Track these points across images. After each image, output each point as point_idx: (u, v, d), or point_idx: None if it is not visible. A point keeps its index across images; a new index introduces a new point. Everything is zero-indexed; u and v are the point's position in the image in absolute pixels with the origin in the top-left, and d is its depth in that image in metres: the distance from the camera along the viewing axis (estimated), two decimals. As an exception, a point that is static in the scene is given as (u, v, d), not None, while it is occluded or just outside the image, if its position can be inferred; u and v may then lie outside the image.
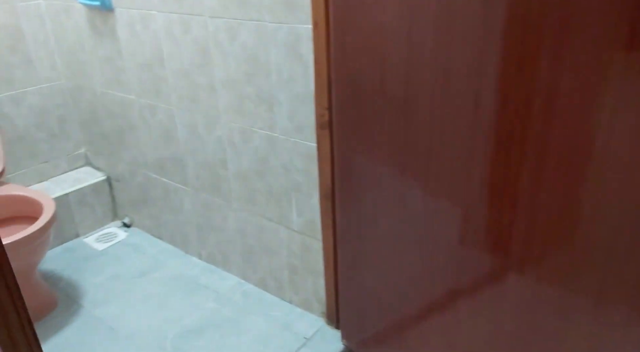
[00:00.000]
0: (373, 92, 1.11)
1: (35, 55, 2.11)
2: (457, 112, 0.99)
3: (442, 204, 1.10)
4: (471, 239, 1.08)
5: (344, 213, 1.37)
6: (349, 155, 1.27)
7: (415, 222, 1.17)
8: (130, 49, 1.81)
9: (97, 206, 2.33)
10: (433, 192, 1.10)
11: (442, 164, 1.05)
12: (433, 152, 1.06)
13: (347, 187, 1.32)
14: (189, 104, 1.72)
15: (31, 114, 2.16)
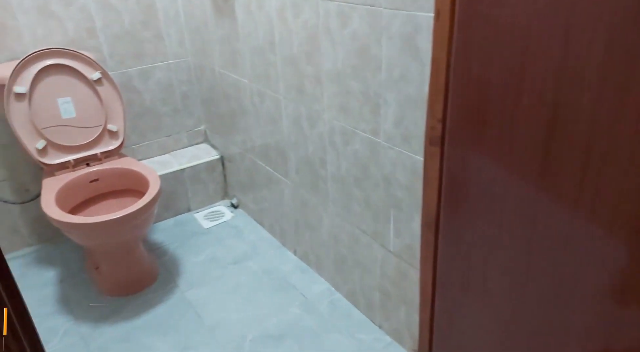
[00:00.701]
0: (504, 103, 0.82)
1: (165, 32, 2.16)
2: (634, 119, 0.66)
3: (597, 244, 0.78)
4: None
5: (448, 250, 1.11)
6: (461, 182, 1.00)
7: (548, 268, 0.87)
8: (245, 30, 1.71)
9: (209, 184, 2.37)
10: (585, 227, 0.79)
11: (605, 186, 0.73)
12: (591, 170, 0.75)
13: (455, 219, 1.06)
14: (294, 94, 1.58)
15: (158, 88, 2.23)
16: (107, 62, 2.05)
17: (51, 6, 1.86)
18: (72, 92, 1.81)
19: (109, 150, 1.90)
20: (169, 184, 2.24)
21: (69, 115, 1.82)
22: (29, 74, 1.71)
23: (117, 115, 1.90)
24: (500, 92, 0.83)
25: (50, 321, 1.70)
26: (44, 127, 1.77)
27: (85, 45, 1.98)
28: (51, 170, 1.81)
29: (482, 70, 0.83)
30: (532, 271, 0.91)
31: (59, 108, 1.79)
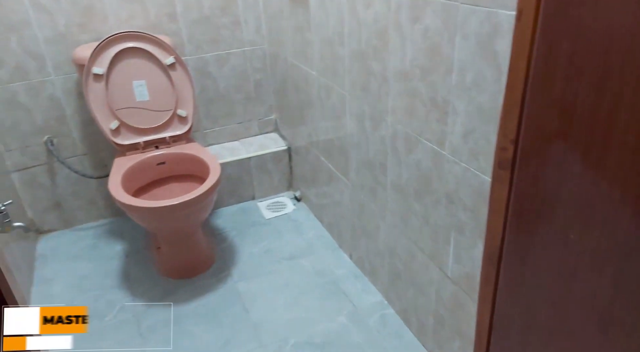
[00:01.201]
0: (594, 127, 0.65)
1: (243, 18, 2.13)
2: None
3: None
4: None
5: (511, 288, 0.94)
6: (532, 213, 0.83)
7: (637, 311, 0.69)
8: (317, 20, 1.62)
9: (275, 174, 2.34)
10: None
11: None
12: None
13: (521, 255, 0.89)
14: (359, 92, 1.46)
15: (232, 75, 2.23)
16: (184, 47, 2.07)
17: (136, -10, 1.91)
18: (147, 76, 1.84)
19: (177, 135, 1.93)
20: (235, 171, 2.25)
21: (143, 98, 1.86)
22: (107, 56, 1.76)
23: (187, 100, 1.91)
24: (590, 114, 0.65)
25: (110, 295, 1.78)
26: (118, 108, 1.83)
27: (165, 29, 2.01)
28: (123, 150, 1.88)
29: (568, 86, 0.66)
30: (617, 313, 0.72)
31: (133, 90, 1.84)
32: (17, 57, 1.83)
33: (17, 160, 1.98)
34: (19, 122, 1.93)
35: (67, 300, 1.76)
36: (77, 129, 2.03)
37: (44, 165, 2.04)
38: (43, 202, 2.10)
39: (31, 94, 1.90)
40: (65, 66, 1.91)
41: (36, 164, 2.02)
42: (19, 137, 1.95)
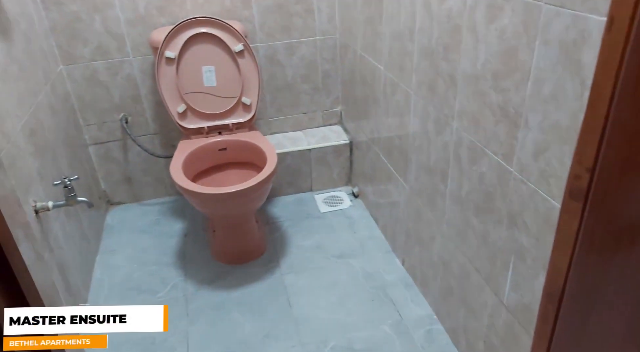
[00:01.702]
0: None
1: (316, 6, 2.08)
2: None
3: None
4: None
5: (569, 334, 0.83)
6: (605, 257, 0.71)
7: None
8: (389, 11, 1.53)
9: (334, 167, 2.30)
10: None
11: None
12: None
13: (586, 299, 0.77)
14: (425, 92, 1.36)
15: (301, 64, 2.19)
16: (256, 34, 2.07)
17: (213, -25, 1.92)
18: (216, 62, 1.86)
19: (240, 122, 1.94)
20: (295, 162, 2.23)
21: (210, 83, 1.89)
22: (180, 40, 1.80)
23: (252, 88, 1.91)
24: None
25: (165, 272, 1.85)
26: (186, 92, 1.87)
27: (238, 15, 2.01)
28: (188, 133, 1.93)
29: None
30: None
31: (202, 75, 1.87)
32: (99, 36, 1.93)
33: (95, 134, 2.11)
34: (98, 99, 2.04)
35: (126, 272, 1.85)
36: (150, 108, 2.12)
37: (118, 141, 2.16)
38: (115, 176, 2.23)
39: (110, 73, 2.00)
40: (142, 48, 1.98)
41: (111, 139, 2.14)
42: (97, 113, 2.07)
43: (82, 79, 1.98)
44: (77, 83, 1.98)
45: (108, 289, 1.77)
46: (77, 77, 1.97)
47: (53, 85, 1.77)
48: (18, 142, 1.34)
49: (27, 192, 1.32)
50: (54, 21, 1.85)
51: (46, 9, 1.82)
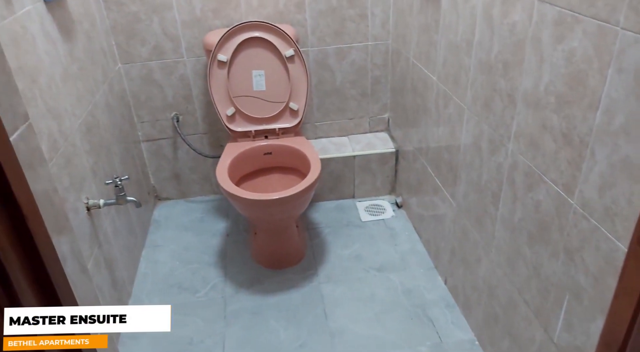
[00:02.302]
0: None
1: (371, 11, 2.04)
2: None
3: None
4: None
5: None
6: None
7: None
8: (446, 21, 1.47)
9: (378, 175, 2.25)
10: None
11: None
12: None
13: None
14: (480, 109, 1.29)
15: (351, 69, 2.16)
16: (307, 38, 2.05)
17: (269, -21, 1.92)
18: (266, 66, 1.87)
19: (286, 127, 1.93)
20: (339, 168, 2.21)
21: (260, 87, 1.90)
22: (232, 44, 1.82)
23: (300, 94, 1.90)
24: None
25: (206, 271, 1.88)
26: (235, 96, 1.89)
27: (291, 19, 2.01)
28: (235, 136, 1.94)
29: None
30: None
31: (252, 79, 1.88)
32: (156, 37, 1.97)
33: (147, 131, 2.17)
34: (152, 97, 2.10)
35: (169, 268, 1.90)
36: (200, 108, 2.16)
37: (169, 139, 2.21)
38: (164, 172, 2.29)
39: (165, 73, 2.05)
40: (196, 49, 2.02)
41: (163, 137, 2.20)
42: (150, 111, 2.13)
43: (139, 77, 2.04)
44: (133, 81, 2.05)
45: (151, 284, 1.82)
46: (134, 75, 2.04)
47: (111, 84, 1.84)
48: (75, 140, 1.39)
49: (80, 189, 1.37)
50: (114, 21, 1.91)
51: (108, 8, 1.88)
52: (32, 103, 1.15)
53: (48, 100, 1.25)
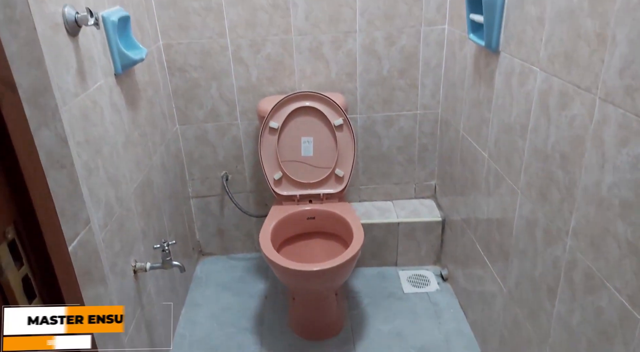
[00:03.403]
0: None
1: (421, 81, 2.06)
2: None
3: None
4: None
5: None
6: None
7: None
8: (499, 101, 1.45)
9: (423, 244, 2.19)
10: None
11: None
12: None
13: None
14: (535, 195, 1.24)
15: (398, 136, 2.17)
16: (357, 105, 2.09)
17: (323, 49, 1.99)
18: (315, 133, 1.90)
19: (330, 193, 1.94)
20: (382, 234, 2.17)
21: (307, 153, 1.93)
22: (284, 112, 1.87)
23: (346, 161, 1.92)
24: None
25: (242, 337, 1.85)
26: (283, 160, 1.92)
27: (342, 87, 2.06)
28: (280, 199, 1.97)
29: None
30: None
31: (300, 145, 1.92)
32: (214, 101, 2.07)
33: (197, 188, 2.24)
34: (204, 156, 2.18)
35: (206, 330, 1.89)
36: (249, 168, 2.21)
37: (217, 196, 2.27)
38: (210, 228, 2.34)
39: (219, 134, 2.14)
40: (249, 113, 2.10)
41: (211, 194, 2.26)
42: (202, 169, 2.20)
43: (194, 137, 2.14)
44: (188, 141, 2.14)
45: (188, 346, 1.81)
46: (190, 136, 2.13)
47: (167, 144, 1.93)
48: (130, 204, 1.45)
49: (129, 252, 1.41)
50: (176, 86, 2.03)
51: (171, 75, 2.00)
52: (94, 173, 1.22)
53: (109, 168, 1.31)
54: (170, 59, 1.97)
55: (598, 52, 0.94)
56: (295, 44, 1.98)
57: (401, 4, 1.92)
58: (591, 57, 0.97)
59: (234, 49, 1.97)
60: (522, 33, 1.27)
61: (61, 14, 1.11)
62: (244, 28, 1.94)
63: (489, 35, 1.43)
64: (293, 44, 1.98)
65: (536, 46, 1.20)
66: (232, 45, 1.97)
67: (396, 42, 1.99)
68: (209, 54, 1.98)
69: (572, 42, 1.04)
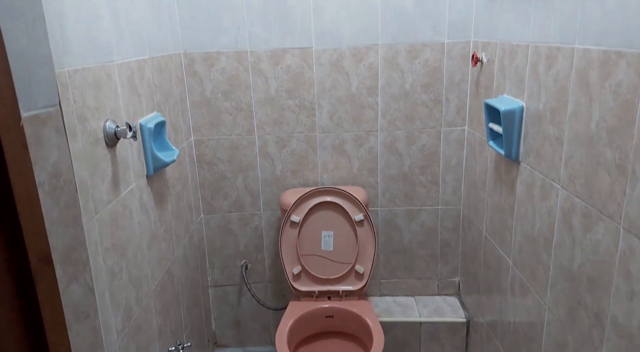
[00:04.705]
0: None
1: (442, 178, 2.09)
2: None
3: None
4: None
5: None
6: None
7: None
8: (521, 210, 1.45)
9: (447, 346, 2.09)
10: None
11: None
12: None
13: None
14: (564, 317, 1.20)
15: (420, 231, 2.16)
16: (378, 199, 2.12)
17: (345, 146, 2.06)
18: (336, 228, 1.92)
19: (350, 290, 1.91)
20: (403, 334, 2.09)
21: (327, 248, 1.93)
22: (306, 206, 1.91)
23: (367, 258, 1.90)
24: None
25: None
26: (303, 254, 1.93)
27: (363, 181, 2.10)
28: (298, 295, 1.94)
29: None
30: None
31: (320, 240, 1.93)
32: (238, 192, 2.13)
33: (216, 277, 2.24)
34: (226, 245, 2.20)
35: None
36: (269, 258, 2.21)
37: (235, 286, 2.25)
38: (226, 318, 2.30)
39: (241, 224, 2.17)
40: (272, 204, 2.14)
41: (230, 283, 2.25)
42: (222, 258, 2.21)
43: (217, 227, 2.17)
44: (211, 230, 2.18)
45: None
46: (213, 225, 2.17)
47: (191, 235, 1.96)
48: (149, 303, 1.45)
49: (144, 355, 1.39)
50: (204, 178, 2.10)
51: (200, 168, 2.09)
52: (117, 277, 1.24)
53: (132, 269, 1.34)
54: (201, 153, 2.06)
55: (619, 183, 0.95)
56: (319, 141, 2.06)
57: (422, 107, 2.00)
58: (612, 186, 0.98)
59: (261, 144, 2.06)
60: (541, 148, 1.30)
61: (102, 129, 1.20)
62: (271, 126, 2.04)
63: (508, 146, 1.46)
64: (317, 141, 2.06)
65: (556, 164, 1.22)
66: (259, 141, 2.06)
67: (417, 141, 2.05)
68: (237, 149, 2.07)
69: (592, 168, 1.05)
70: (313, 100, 2.00)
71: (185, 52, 1.93)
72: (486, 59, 1.74)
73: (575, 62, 1.11)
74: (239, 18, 1.90)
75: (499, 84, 1.61)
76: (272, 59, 1.95)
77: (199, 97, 1.99)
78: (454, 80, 1.97)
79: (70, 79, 1.05)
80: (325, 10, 1.89)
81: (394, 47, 1.93)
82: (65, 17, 1.05)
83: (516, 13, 1.45)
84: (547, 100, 1.25)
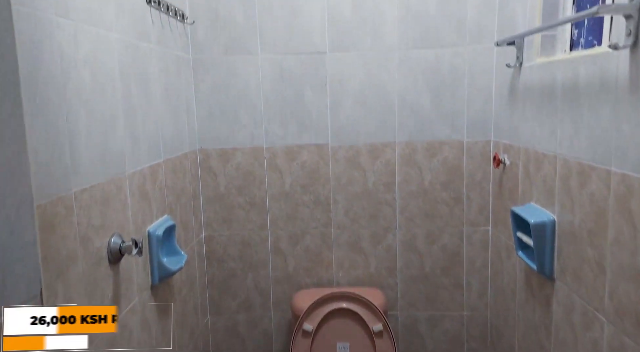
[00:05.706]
0: None
1: (466, 281, 1.95)
2: None
3: None
4: None
5: None
6: None
7: None
8: (560, 335, 1.30)
9: None
10: None
11: None
12: None
13: None
14: None
15: (444, 338, 1.99)
16: (397, 301, 1.97)
17: (362, 243, 1.96)
18: (352, 339, 1.76)
19: (369, 412, 1.71)
20: None
21: (343, 360, 1.76)
22: (319, 313, 1.77)
23: (387, 374, 1.73)
24: None
25: None
26: (317, 369, 1.76)
27: (381, 282, 1.97)
28: (310, 414, 1.75)
29: None
30: None
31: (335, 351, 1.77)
32: (247, 292, 2.01)
33: (221, 384, 2.06)
34: (232, 349, 2.04)
35: None
36: (279, 364, 2.04)
37: (240, 394, 2.06)
38: None
39: (249, 326, 2.03)
40: (283, 304, 2.00)
41: (235, 391, 2.06)
42: (228, 362, 2.05)
43: (224, 329, 2.03)
44: (218, 334, 2.03)
45: None
46: (220, 327, 2.03)
47: (195, 342, 1.82)
48: None
49: None
50: (212, 276, 2.00)
51: (209, 265, 1.99)
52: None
53: (126, 399, 1.20)
54: (211, 249, 1.98)
55: (682, 335, 0.82)
56: (334, 237, 1.97)
57: (442, 205, 1.92)
58: (673, 337, 0.85)
59: (273, 240, 1.97)
60: (579, 270, 1.18)
61: (106, 245, 1.13)
62: (284, 221, 1.96)
63: (540, 261, 1.35)
64: (332, 237, 1.97)
65: (599, 292, 1.09)
66: (272, 236, 1.97)
67: (437, 240, 1.94)
68: (248, 245, 1.98)
69: (644, 308, 0.93)
70: (328, 196, 1.93)
71: (201, 148, 1.92)
72: (509, 161, 1.67)
73: (613, 185, 1.03)
74: (256, 115, 1.89)
75: (525, 190, 1.53)
76: (288, 155, 1.92)
77: (213, 193, 1.95)
78: (475, 179, 1.90)
79: (75, 201, 1.00)
80: (342, 107, 1.88)
81: (411, 145, 1.89)
82: (77, 135, 1.02)
83: (540, 122, 1.41)
84: (583, 220, 1.16)
